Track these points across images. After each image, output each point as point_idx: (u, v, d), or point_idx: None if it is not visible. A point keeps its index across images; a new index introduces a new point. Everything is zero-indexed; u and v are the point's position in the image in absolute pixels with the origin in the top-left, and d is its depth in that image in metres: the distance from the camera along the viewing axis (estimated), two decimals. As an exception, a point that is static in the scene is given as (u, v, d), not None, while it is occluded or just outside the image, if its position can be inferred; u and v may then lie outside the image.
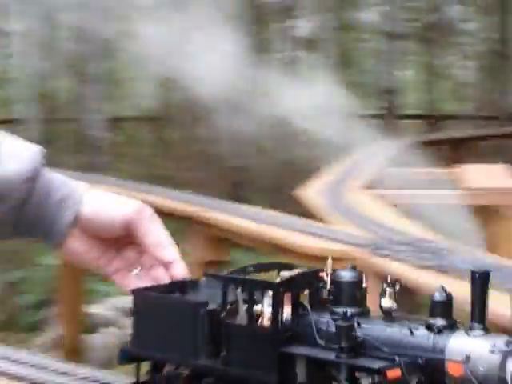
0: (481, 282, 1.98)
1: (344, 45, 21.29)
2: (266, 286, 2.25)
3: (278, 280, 2.28)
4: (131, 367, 2.43)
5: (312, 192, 9.60)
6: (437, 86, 26.30)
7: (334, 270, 2.20)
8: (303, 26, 26.07)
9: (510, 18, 24.35)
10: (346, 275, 2.16)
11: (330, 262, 2.19)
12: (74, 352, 14.25)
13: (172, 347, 2.36)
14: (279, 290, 2.17)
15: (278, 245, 8.25)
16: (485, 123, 23.23)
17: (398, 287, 2.06)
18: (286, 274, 2.32)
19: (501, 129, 21.94)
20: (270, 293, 2.18)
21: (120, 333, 15.39)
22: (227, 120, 21.32)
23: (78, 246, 2.17)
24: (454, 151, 18.30)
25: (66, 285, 13.96)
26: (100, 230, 2.21)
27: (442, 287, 1.99)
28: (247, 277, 2.37)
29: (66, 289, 13.74)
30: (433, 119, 25.01)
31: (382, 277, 5.92)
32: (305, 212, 9.43)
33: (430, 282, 6.01)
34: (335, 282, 2.18)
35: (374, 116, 21.24)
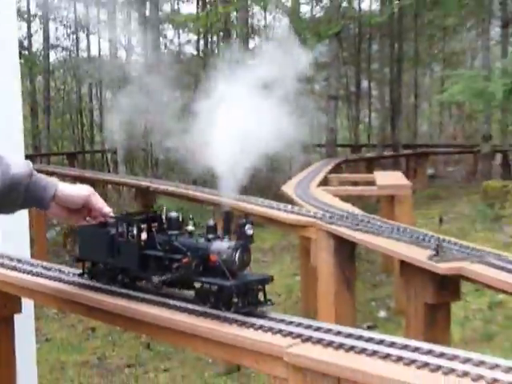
0: (225, 217, 2.65)
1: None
2: (133, 221, 2.76)
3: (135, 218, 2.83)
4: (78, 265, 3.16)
5: (289, 188, 9.59)
6: (356, 127, 27.12)
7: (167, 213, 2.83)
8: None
9: (395, 88, 24.85)
10: (173, 215, 2.79)
11: (164, 208, 2.89)
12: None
13: (97, 254, 2.96)
14: (139, 223, 2.73)
15: (268, 218, 8.04)
16: (384, 149, 23.35)
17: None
18: (144, 215, 2.88)
19: (393, 152, 22.18)
20: (135, 225, 2.74)
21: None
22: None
23: (56, 209, 2.60)
24: (368, 165, 18.37)
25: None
26: (69, 204, 2.62)
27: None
28: (129, 218, 2.87)
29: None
30: (354, 147, 25.28)
31: (332, 236, 6.47)
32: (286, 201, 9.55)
33: (362, 238, 5.79)
34: (168, 219, 2.77)
35: (320, 145, 21.90)
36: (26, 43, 25.91)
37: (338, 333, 2.49)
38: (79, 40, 29.10)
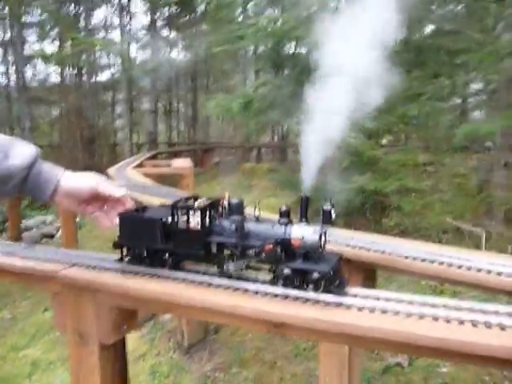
0: (304, 201, 1.79)
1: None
2: (198, 209, 1.88)
3: (198, 205, 1.92)
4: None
5: (112, 170, 8.90)
6: (170, 131, 26.85)
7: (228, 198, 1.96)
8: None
9: (194, 107, 24.89)
10: (234, 201, 1.91)
11: (227, 194, 1.98)
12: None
13: (141, 240, 2.02)
14: (205, 210, 1.87)
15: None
16: (189, 145, 23.45)
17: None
18: (201, 201, 1.96)
19: (193, 147, 22.05)
20: (199, 212, 1.87)
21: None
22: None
23: (62, 201, 1.64)
24: (176, 155, 17.13)
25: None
26: (74, 196, 1.67)
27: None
28: (184, 203, 1.96)
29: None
30: (170, 144, 24.52)
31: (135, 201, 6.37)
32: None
33: (146, 198, 5.04)
34: (230, 204, 1.91)
35: (145, 143, 21.31)
36: None
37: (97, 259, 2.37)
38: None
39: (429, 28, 7.30)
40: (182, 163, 9.44)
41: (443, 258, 2.35)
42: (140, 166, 10.42)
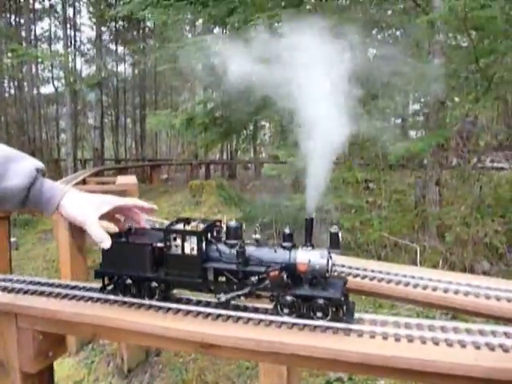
0: (309, 224, 1.69)
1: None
2: (194, 233, 1.73)
3: (189, 228, 1.78)
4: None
5: None
6: (117, 147, 26.26)
7: (225, 221, 1.82)
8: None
9: (143, 123, 24.49)
10: (233, 224, 1.76)
11: (225, 218, 1.84)
12: None
13: (127, 268, 1.83)
14: (201, 235, 1.72)
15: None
16: (137, 161, 23.02)
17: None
18: (195, 224, 1.81)
19: (141, 163, 21.52)
20: (195, 237, 1.72)
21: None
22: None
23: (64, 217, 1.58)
24: (122, 172, 16.84)
25: None
26: (70, 220, 1.63)
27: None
28: (177, 227, 1.80)
29: None
30: (116, 160, 23.94)
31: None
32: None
33: None
34: (227, 227, 1.76)
35: (91, 159, 20.65)
36: None
37: (27, 282, 2.21)
38: None
39: (370, 52, 7.62)
40: (127, 180, 8.90)
41: (375, 274, 2.39)
42: (83, 182, 9.89)
